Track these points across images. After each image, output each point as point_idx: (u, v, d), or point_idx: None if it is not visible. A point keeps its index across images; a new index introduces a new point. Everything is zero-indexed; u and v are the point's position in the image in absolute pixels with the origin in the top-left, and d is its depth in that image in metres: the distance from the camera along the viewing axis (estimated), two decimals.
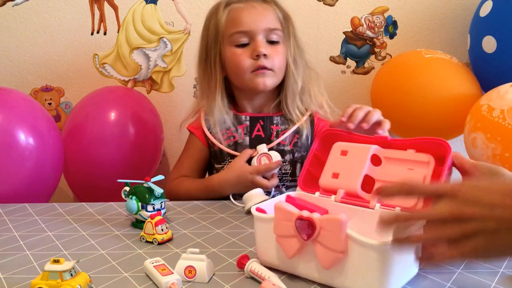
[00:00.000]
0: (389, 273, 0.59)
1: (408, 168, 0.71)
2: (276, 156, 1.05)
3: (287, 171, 1.12)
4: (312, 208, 0.66)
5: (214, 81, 1.12)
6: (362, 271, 0.59)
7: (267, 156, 1.04)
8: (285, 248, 0.65)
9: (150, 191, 0.88)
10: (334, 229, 0.59)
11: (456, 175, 0.71)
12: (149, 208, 0.87)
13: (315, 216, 0.61)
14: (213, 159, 1.16)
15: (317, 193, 0.75)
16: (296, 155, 1.13)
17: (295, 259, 0.65)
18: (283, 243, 0.65)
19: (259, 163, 1.04)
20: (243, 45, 1.08)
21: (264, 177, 1.04)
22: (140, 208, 0.87)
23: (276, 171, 1.05)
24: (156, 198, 0.87)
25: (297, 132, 1.13)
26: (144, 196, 0.87)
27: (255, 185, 1.00)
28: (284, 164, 1.12)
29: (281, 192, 1.12)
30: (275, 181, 1.04)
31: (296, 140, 1.12)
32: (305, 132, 1.12)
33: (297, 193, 0.76)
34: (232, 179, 1.04)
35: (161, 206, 0.88)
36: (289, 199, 0.71)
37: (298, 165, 1.13)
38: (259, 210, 0.70)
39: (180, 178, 1.16)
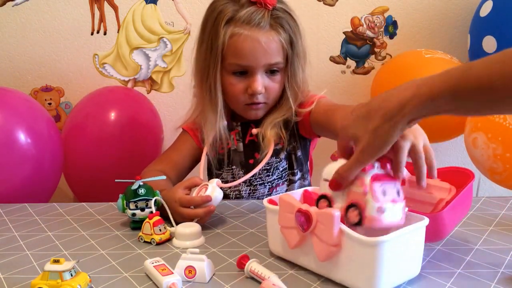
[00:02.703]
0: (380, 270, 0.60)
1: (428, 192, 0.74)
2: (214, 194, 0.89)
3: (285, 167, 1.12)
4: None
5: (214, 96, 1.06)
6: (355, 265, 0.61)
7: (206, 189, 0.90)
8: (287, 239, 0.68)
9: (135, 189, 0.86)
10: (327, 223, 0.62)
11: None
12: (131, 206, 0.86)
13: (312, 209, 0.64)
14: (213, 165, 1.15)
15: None
16: (289, 148, 1.12)
17: (297, 250, 0.68)
18: (286, 234, 0.68)
19: (196, 194, 0.92)
20: (240, 73, 1.04)
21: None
22: (125, 206, 0.87)
23: (212, 203, 0.89)
24: (139, 196, 0.86)
25: (285, 126, 1.10)
26: (128, 193, 0.87)
27: (179, 214, 0.89)
28: (281, 161, 1.11)
29: (282, 190, 1.13)
30: (200, 212, 0.87)
31: (285, 134, 1.10)
32: (291, 123, 1.11)
33: (314, 188, 0.78)
34: (165, 199, 0.92)
35: (146, 205, 0.86)
36: (306, 193, 0.75)
37: (293, 157, 1.12)
38: (271, 201, 0.73)
39: (152, 169, 1.09)
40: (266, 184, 1.12)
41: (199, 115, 1.12)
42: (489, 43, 1.28)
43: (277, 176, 1.12)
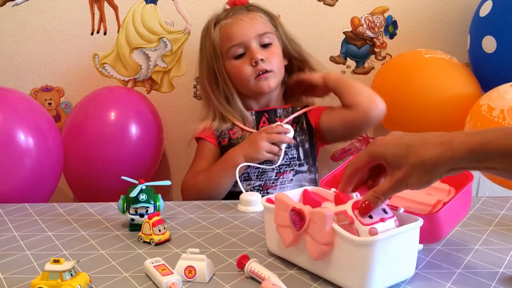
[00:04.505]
0: (372, 270, 0.60)
1: (427, 193, 0.75)
2: (289, 128, 1.15)
3: (294, 156, 1.20)
4: (322, 202, 0.70)
5: (229, 93, 1.20)
6: (347, 265, 0.62)
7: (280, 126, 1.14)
8: (282, 237, 0.69)
9: (136, 193, 0.85)
10: (320, 222, 0.62)
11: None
12: (131, 210, 0.86)
13: (306, 208, 0.65)
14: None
15: (333, 189, 0.78)
16: (297, 139, 1.21)
17: (292, 248, 0.69)
18: (281, 232, 0.69)
19: None
20: (240, 56, 1.17)
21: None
22: (125, 209, 0.87)
23: (290, 135, 1.14)
24: (139, 202, 0.86)
25: (297, 120, 1.23)
26: (129, 198, 0.86)
27: (268, 139, 1.10)
28: (290, 149, 1.19)
29: (288, 178, 1.19)
30: (286, 138, 1.13)
31: (295, 126, 1.22)
32: (302, 116, 1.24)
33: (314, 188, 0.80)
34: (245, 141, 1.15)
35: (146, 211, 0.86)
36: (305, 193, 0.77)
37: (301, 149, 1.22)
38: (269, 200, 0.74)
39: (197, 173, 1.20)
40: (275, 167, 1.18)
41: (212, 110, 1.24)
42: (489, 43, 1.28)
43: (285, 162, 1.18)
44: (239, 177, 1.12)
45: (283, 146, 1.14)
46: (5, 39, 1.53)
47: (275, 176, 1.18)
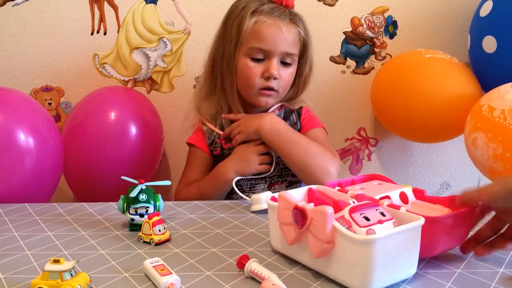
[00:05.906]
0: (373, 268, 0.60)
1: (426, 210, 0.74)
2: None
3: (286, 166, 1.15)
4: (326, 201, 0.70)
5: (233, 82, 1.15)
6: (348, 263, 0.62)
7: None
8: (285, 235, 0.70)
9: (136, 193, 0.85)
10: (321, 220, 0.63)
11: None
12: (131, 210, 0.86)
13: (308, 206, 0.65)
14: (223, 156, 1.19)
15: (337, 188, 0.79)
16: None
17: (295, 246, 0.70)
18: (284, 230, 0.70)
19: None
20: (257, 59, 1.12)
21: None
22: (125, 209, 0.87)
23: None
24: (139, 202, 0.85)
25: (290, 123, 1.19)
26: (129, 198, 0.86)
27: (251, 157, 1.10)
28: (281, 159, 1.14)
29: (281, 188, 1.14)
30: (267, 159, 1.13)
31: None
32: (296, 119, 1.20)
33: (318, 186, 0.80)
34: (234, 155, 1.12)
35: (146, 211, 0.86)
36: (310, 191, 0.77)
37: None
38: (273, 199, 0.75)
39: (188, 185, 1.18)
40: (266, 178, 1.13)
41: (210, 99, 1.19)
42: (489, 43, 1.28)
43: (277, 172, 1.14)
44: (234, 190, 1.10)
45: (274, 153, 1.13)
46: (5, 39, 1.53)
47: (267, 188, 1.16)
